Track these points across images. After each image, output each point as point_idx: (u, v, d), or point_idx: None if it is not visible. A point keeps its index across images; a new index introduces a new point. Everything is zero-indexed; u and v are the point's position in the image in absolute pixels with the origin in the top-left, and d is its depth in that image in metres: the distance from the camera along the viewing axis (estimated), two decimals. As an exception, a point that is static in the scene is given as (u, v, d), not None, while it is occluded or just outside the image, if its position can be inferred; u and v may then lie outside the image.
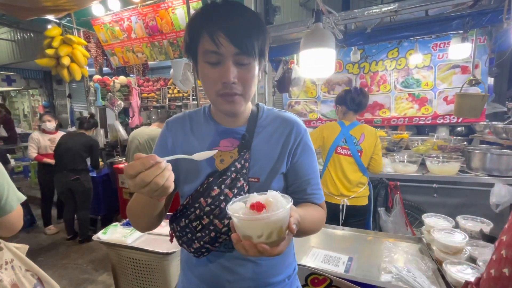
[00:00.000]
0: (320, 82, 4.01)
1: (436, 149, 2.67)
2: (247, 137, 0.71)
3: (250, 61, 0.62)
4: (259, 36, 0.62)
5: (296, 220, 0.52)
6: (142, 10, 3.24)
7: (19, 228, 0.95)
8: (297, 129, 0.74)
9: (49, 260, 2.88)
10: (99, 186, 3.49)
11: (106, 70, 4.51)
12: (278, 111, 0.78)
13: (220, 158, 0.71)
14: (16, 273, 0.89)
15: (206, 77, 0.64)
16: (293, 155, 0.73)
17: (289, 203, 0.51)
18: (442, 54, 3.35)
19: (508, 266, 0.42)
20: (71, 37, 3.34)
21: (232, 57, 0.61)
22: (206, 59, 0.62)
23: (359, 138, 1.95)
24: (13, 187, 0.90)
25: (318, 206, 0.76)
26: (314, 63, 1.59)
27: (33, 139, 3.31)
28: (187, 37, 0.65)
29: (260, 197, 0.52)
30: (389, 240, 1.40)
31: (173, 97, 4.29)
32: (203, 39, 0.61)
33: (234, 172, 0.67)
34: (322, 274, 1.13)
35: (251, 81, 0.65)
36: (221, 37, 0.59)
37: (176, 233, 0.69)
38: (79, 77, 3.51)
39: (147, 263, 1.48)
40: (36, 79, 7.14)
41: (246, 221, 0.50)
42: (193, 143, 0.74)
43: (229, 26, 0.59)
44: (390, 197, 2.30)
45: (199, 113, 0.79)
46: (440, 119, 3.47)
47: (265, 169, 0.70)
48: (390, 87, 3.69)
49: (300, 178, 0.74)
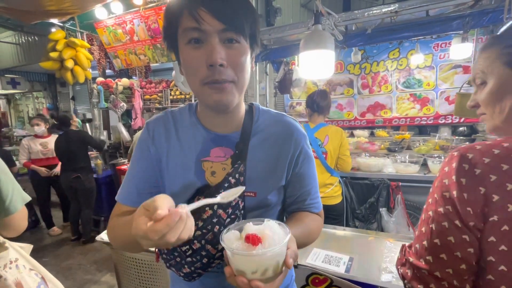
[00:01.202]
0: (321, 83, 4.01)
1: (438, 149, 2.67)
2: (242, 146, 0.62)
3: (239, 40, 0.53)
4: (248, 14, 0.54)
5: (293, 254, 0.48)
6: (144, 13, 3.27)
7: (23, 228, 0.97)
8: (297, 136, 0.66)
9: (53, 260, 2.91)
10: (102, 188, 3.52)
11: (109, 72, 4.55)
12: (275, 114, 0.70)
13: (211, 170, 0.62)
14: (21, 272, 0.90)
15: (187, 63, 0.55)
16: (294, 166, 0.66)
17: (287, 235, 0.48)
18: (443, 54, 3.35)
19: (425, 225, 0.53)
20: (74, 40, 3.38)
21: (217, 34, 0.51)
22: (186, 39, 0.53)
23: (323, 140, 1.99)
24: (18, 188, 0.92)
25: (316, 214, 0.71)
26: (313, 65, 1.60)
27: (23, 146, 3.30)
28: (164, 21, 0.56)
29: (256, 228, 0.48)
30: (390, 241, 1.40)
31: (175, 99, 4.32)
32: (182, 18, 0.53)
33: (228, 189, 0.57)
34: (323, 274, 1.14)
35: (243, 65, 0.55)
36: (202, 12, 0.50)
37: (163, 255, 0.61)
38: (82, 79, 3.55)
39: (149, 263, 1.50)
40: (40, 81, 7.22)
41: (239, 256, 0.46)
42: (178, 153, 0.64)
43: (211, 0, 0.51)
44: (392, 198, 2.30)
45: (184, 114, 0.67)
46: (442, 119, 3.47)
47: (263, 182, 0.63)
48: (392, 87, 3.69)
49: (300, 189, 0.68)
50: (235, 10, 0.52)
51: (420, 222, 0.56)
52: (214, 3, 0.51)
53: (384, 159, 2.49)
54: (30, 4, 2.63)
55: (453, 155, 0.51)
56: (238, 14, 0.52)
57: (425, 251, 0.52)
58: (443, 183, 0.51)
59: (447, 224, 0.49)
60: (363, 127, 3.90)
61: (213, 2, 0.51)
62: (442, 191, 0.50)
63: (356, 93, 3.90)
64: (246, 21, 0.53)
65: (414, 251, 0.55)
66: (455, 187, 0.48)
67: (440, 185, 0.51)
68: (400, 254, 0.60)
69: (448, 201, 0.49)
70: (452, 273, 0.49)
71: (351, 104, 3.96)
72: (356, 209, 2.43)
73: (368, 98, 3.85)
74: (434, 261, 0.50)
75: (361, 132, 3.66)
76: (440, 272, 0.49)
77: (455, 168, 0.49)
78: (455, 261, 0.48)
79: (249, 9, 0.54)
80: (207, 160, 0.63)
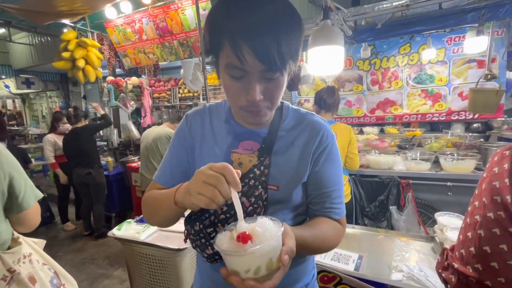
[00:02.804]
0: (330, 79, 3.96)
1: (451, 147, 2.60)
2: (269, 141, 0.66)
3: (278, 75, 0.54)
4: (292, 41, 0.52)
5: (290, 250, 0.47)
6: (153, 12, 3.30)
7: (36, 224, 0.99)
8: (324, 135, 0.67)
9: (67, 255, 3.00)
10: (113, 185, 3.59)
11: (119, 71, 4.63)
12: (305, 113, 0.71)
13: (238, 162, 0.67)
14: (34, 267, 0.93)
15: (226, 88, 0.58)
16: (314, 164, 0.67)
17: (280, 230, 0.47)
18: (457, 48, 3.24)
19: (471, 230, 0.49)
20: (85, 40, 3.45)
21: (258, 73, 0.53)
22: (228, 71, 0.54)
23: None
24: (30, 185, 0.94)
25: (336, 221, 0.69)
26: (322, 61, 1.58)
27: (49, 141, 3.35)
28: (207, 36, 0.55)
29: (247, 226, 0.48)
30: (400, 239, 1.38)
31: (183, 97, 4.36)
32: (225, 48, 0.52)
33: (253, 179, 0.62)
34: (332, 272, 1.13)
35: (279, 93, 0.58)
36: (246, 53, 0.49)
37: (190, 236, 0.65)
38: (93, 78, 3.62)
39: (159, 259, 1.52)
40: (53, 81, 7.40)
41: (230, 256, 0.46)
42: (211, 143, 0.69)
43: (255, 35, 0.49)
44: (402, 196, 2.26)
45: (220, 108, 0.73)
46: (455, 116, 3.37)
47: (286, 177, 0.65)
48: (402, 83, 3.61)
49: (319, 190, 0.68)
50: (279, 43, 0.49)
51: (464, 225, 0.52)
52: (258, 42, 0.49)
53: (394, 157, 2.45)
54: (42, 5, 2.70)
55: (504, 154, 0.46)
56: (282, 53, 0.50)
57: (472, 258, 0.48)
58: (493, 185, 0.47)
59: (498, 231, 0.45)
60: (372, 124, 3.83)
61: (257, 41, 0.49)
62: (492, 195, 0.46)
63: (366, 89, 3.83)
64: (289, 50, 0.52)
65: (458, 256, 0.52)
66: (508, 191, 0.44)
67: (490, 188, 0.47)
68: (440, 257, 0.57)
69: (500, 206, 0.45)
70: (504, 282, 0.45)
71: (361, 100, 3.90)
72: (365, 207, 2.40)
73: (378, 95, 3.78)
74: (483, 269, 0.47)
75: (370, 129, 3.60)
76: (491, 281, 0.46)
77: (507, 170, 0.45)
78: (509, 270, 0.45)
79: (293, 30, 0.52)
80: (236, 151, 0.67)
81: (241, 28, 0.49)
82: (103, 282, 2.51)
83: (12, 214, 0.91)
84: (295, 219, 0.70)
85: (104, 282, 2.51)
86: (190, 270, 1.55)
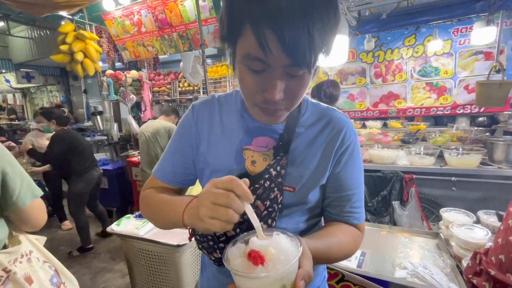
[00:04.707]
0: (332, 72, 3.89)
1: (456, 141, 2.55)
2: (286, 138, 0.59)
3: (305, 72, 0.46)
4: (327, 33, 0.43)
5: (306, 275, 0.41)
6: (151, 3, 3.23)
7: (41, 223, 0.96)
8: (347, 133, 0.61)
9: (69, 249, 3.01)
10: (114, 179, 3.59)
11: (118, 65, 4.57)
12: (325, 108, 0.64)
13: (252, 159, 0.60)
14: (33, 266, 0.91)
15: (242, 82, 0.50)
16: (335, 164, 0.61)
17: (297, 252, 0.42)
18: (463, 39, 3.16)
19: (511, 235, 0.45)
20: (83, 32, 3.39)
21: (282, 68, 0.45)
22: (246, 62, 0.46)
23: None
24: (28, 182, 0.90)
25: (355, 227, 0.64)
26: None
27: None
28: (225, 19, 0.46)
29: (260, 244, 0.43)
30: (404, 235, 1.35)
31: (183, 91, 4.31)
32: (246, 35, 0.43)
33: (268, 180, 0.56)
34: (334, 269, 1.11)
35: (302, 93, 0.51)
36: (271, 43, 0.41)
37: (196, 237, 0.61)
38: (92, 72, 3.57)
39: (159, 255, 1.51)
40: (53, 75, 7.36)
41: (240, 277, 0.41)
42: (220, 139, 0.63)
43: (283, 22, 0.40)
44: (405, 191, 2.23)
45: (231, 99, 0.66)
46: (460, 109, 3.31)
47: (303, 178, 0.59)
48: (406, 76, 3.53)
49: (339, 193, 0.62)
50: (312, 41, 0.41)
51: (504, 228, 0.47)
52: (286, 30, 0.40)
53: (397, 151, 2.41)
54: (39, -3, 2.64)
55: None
56: (313, 46, 0.42)
57: None
58: None
59: None
60: (375, 117, 3.77)
61: (285, 28, 0.40)
62: None
63: (369, 82, 3.76)
64: (321, 44, 0.43)
65: (495, 261, 0.48)
66: None
67: None
68: (472, 261, 0.53)
69: None
70: None
71: (363, 94, 3.83)
72: (367, 202, 2.37)
73: (381, 88, 3.71)
74: None
75: (373, 123, 3.54)
76: None
77: None
78: None
79: (329, 21, 0.43)
80: (249, 148, 0.61)
81: (267, 12, 0.40)
82: (105, 276, 2.52)
83: (8, 213, 0.88)
84: (309, 221, 0.65)
85: (105, 276, 2.52)
86: (190, 266, 1.53)
